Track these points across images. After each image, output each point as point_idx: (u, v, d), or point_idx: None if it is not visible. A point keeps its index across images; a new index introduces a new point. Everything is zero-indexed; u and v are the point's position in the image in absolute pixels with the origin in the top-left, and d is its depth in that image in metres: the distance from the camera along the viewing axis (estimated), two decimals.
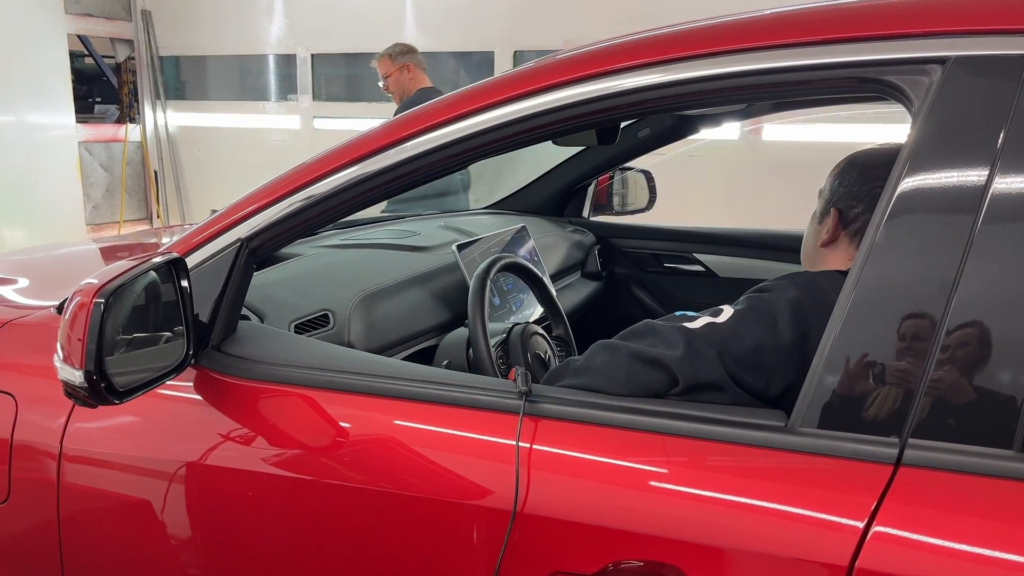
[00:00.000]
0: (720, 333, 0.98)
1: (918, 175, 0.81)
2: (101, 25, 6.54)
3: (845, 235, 1.13)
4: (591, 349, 1.05)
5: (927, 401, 0.77)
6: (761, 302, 1.02)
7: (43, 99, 6.00)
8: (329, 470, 1.05)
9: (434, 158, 1.06)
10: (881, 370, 0.80)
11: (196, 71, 6.81)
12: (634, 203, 2.68)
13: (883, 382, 0.80)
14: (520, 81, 1.03)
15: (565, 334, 1.75)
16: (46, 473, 1.22)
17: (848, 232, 1.13)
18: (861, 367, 0.81)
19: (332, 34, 6.03)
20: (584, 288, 2.35)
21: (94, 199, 6.59)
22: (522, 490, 0.91)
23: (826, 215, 1.16)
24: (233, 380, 1.12)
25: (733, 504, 0.83)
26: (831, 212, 1.15)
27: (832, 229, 1.14)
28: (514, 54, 5.40)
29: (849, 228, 1.13)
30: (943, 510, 0.76)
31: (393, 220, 2.31)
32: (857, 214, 1.12)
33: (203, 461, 1.12)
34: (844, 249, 1.13)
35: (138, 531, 1.19)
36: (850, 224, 1.13)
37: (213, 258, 1.15)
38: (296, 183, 1.12)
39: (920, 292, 0.79)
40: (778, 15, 0.97)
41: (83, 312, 0.97)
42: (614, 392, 0.97)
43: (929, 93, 0.82)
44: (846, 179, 1.15)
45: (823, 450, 0.81)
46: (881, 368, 0.80)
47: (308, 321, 1.42)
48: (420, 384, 1.03)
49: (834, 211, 1.14)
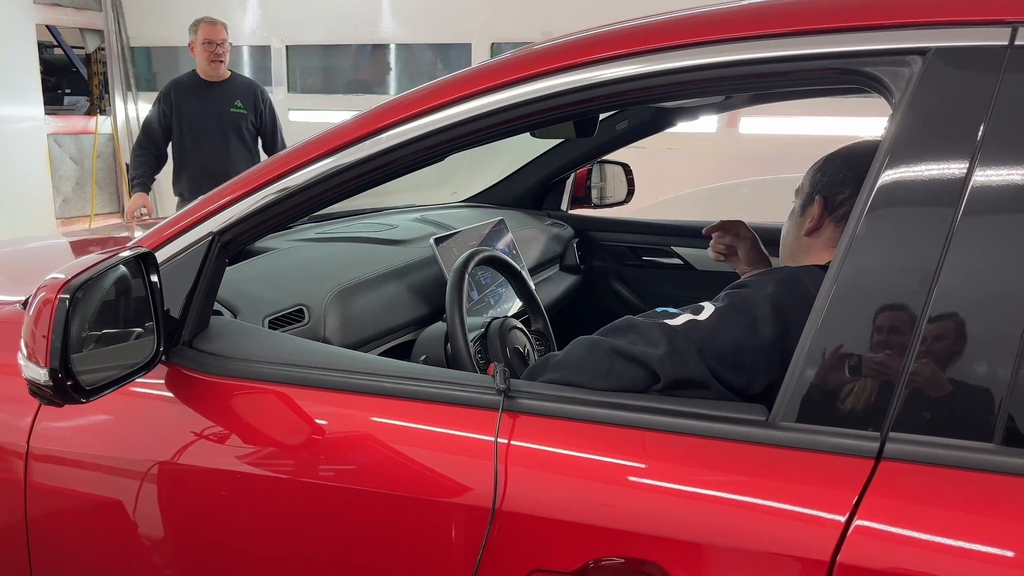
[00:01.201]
0: (701, 331, 0.97)
1: (898, 167, 0.80)
2: (70, 15, 6.43)
3: (830, 222, 1.14)
4: (571, 344, 1.04)
5: (907, 394, 0.77)
6: (741, 299, 1.01)
7: (11, 91, 5.88)
8: (305, 468, 1.03)
9: (410, 150, 1.04)
10: (861, 363, 0.80)
11: (168, 62, 6.69)
12: (612, 196, 2.68)
13: (863, 375, 0.79)
14: (497, 72, 1.02)
15: (544, 328, 1.74)
16: (12, 473, 1.19)
17: (833, 219, 1.13)
18: (842, 361, 0.80)
19: (307, 25, 5.97)
20: (563, 281, 2.34)
21: (64, 192, 6.49)
22: (500, 487, 0.89)
23: (809, 205, 1.17)
24: (205, 377, 1.10)
25: (714, 499, 0.83)
26: (815, 200, 1.15)
27: (817, 216, 1.14)
28: (491, 46, 5.37)
29: (835, 214, 1.13)
30: (925, 504, 0.76)
31: (370, 213, 2.29)
32: (843, 199, 1.12)
33: (175, 460, 1.10)
34: (829, 236, 1.14)
35: (109, 532, 1.16)
36: (836, 210, 1.13)
37: (184, 252, 1.13)
38: (270, 175, 1.10)
39: (900, 285, 0.79)
40: (756, 5, 0.96)
41: (48, 308, 0.94)
42: (595, 387, 0.96)
43: (909, 85, 0.81)
44: (829, 169, 1.17)
45: (804, 444, 0.81)
46: (861, 361, 0.80)
47: (283, 316, 1.39)
48: (398, 380, 1.02)
49: (819, 198, 1.15)
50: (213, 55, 3.65)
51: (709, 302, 1.03)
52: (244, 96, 3.74)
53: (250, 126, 3.74)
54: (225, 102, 3.70)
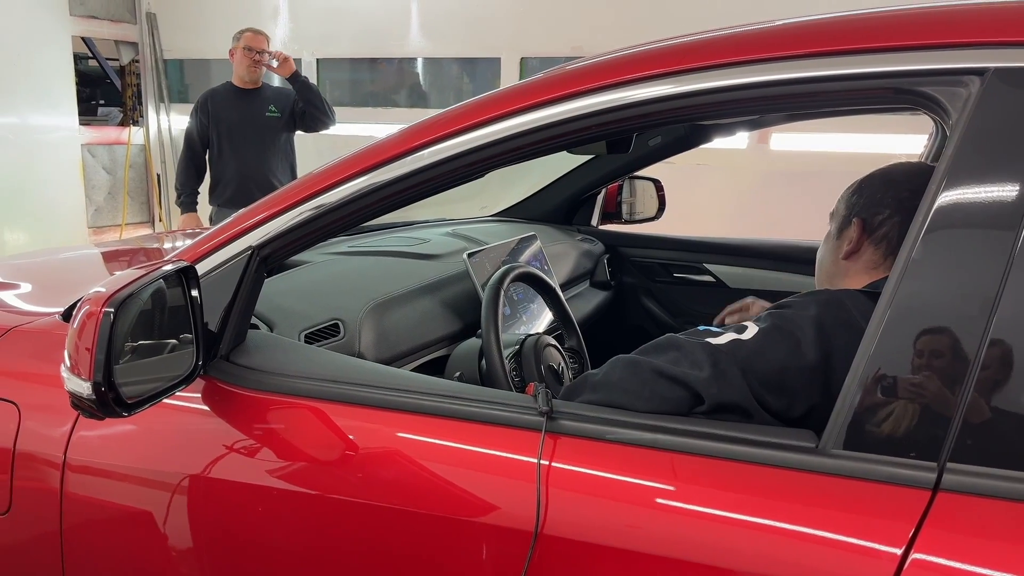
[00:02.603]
0: (745, 351, 0.95)
1: (956, 189, 0.78)
2: (105, 27, 6.54)
3: (869, 243, 1.13)
4: (610, 363, 1.02)
5: (966, 424, 0.75)
6: (785, 320, 0.99)
7: (46, 101, 5.98)
8: (338, 485, 1.02)
9: (450, 167, 1.04)
10: (917, 390, 0.77)
11: (200, 74, 6.79)
12: (643, 212, 2.66)
13: (920, 403, 0.77)
14: (535, 91, 1.01)
15: (578, 345, 1.73)
16: (49, 483, 1.19)
17: (872, 240, 1.12)
18: (896, 387, 0.78)
19: (337, 39, 6.02)
20: (593, 297, 2.33)
21: (96, 202, 6.58)
22: (543, 510, 0.88)
23: (846, 228, 1.16)
24: (242, 391, 1.10)
25: (763, 528, 0.81)
26: (853, 222, 1.14)
27: (855, 239, 1.14)
28: (520, 60, 5.39)
29: (873, 236, 1.12)
30: (985, 538, 0.73)
31: (401, 227, 2.29)
32: (882, 220, 1.11)
33: (210, 473, 1.09)
34: (868, 258, 1.13)
35: (143, 543, 1.16)
36: (874, 231, 1.12)
37: (223, 266, 1.13)
38: (308, 191, 1.10)
39: (959, 310, 0.77)
40: (807, 23, 0.95)
41: (92, 321, 0.94)
42: (635, 408, 0.94)
43: (967, 105, 0.79)
44: (866, 191, 1.16)
45: (857, 473, 0.78)
46: (917, 388, 0.77)
47: (318, 330, 1.39)
48: (436, 398, 1.01)
49: (857, 221, 1.14)
50: (251, 60, 3.79)
51: (751, 322, 1.01)
52: (277, 101, 3.87)
53: (285, 129, 3.87)
54: (260, 107, 3.83)
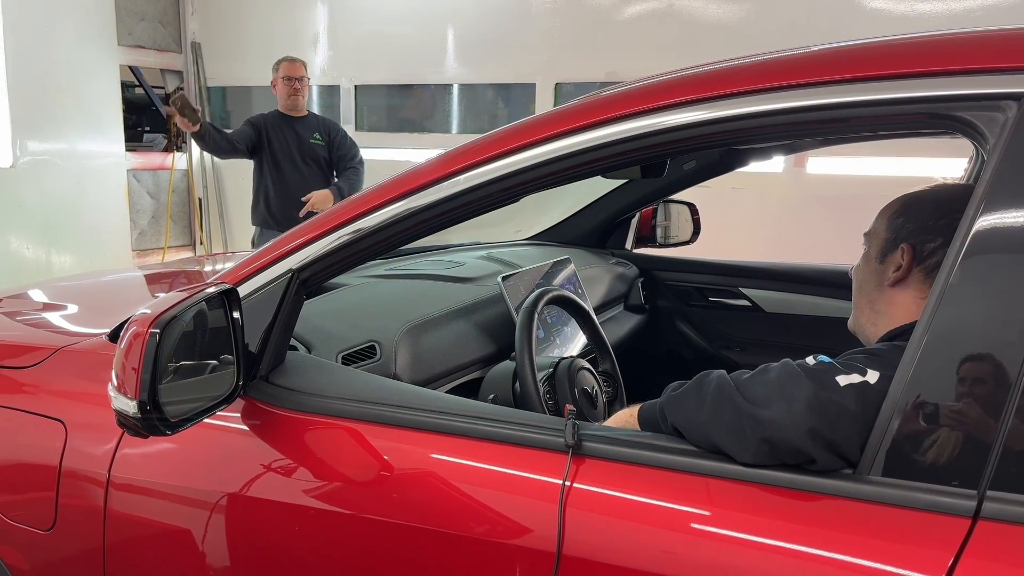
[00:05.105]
0: (872, 395, 0.86)
1: (994, 214, 0.78)
2: (152, 56, 6.73)
3: (919, 272, 1.05)
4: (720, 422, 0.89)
5: (1007, 451, 0.74)
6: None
7: (95, 128, 6.16)
8: (373, 505, 1.03)
9: (487, 191, 1.06)
10: (956, 417, 0.76)
11: (242, 101, 6.95)
12: (678, 236, 2.66)
13: (959, 430, 0.76)
14: (571, 117, 1.02)
15: (612, 369, 1.73)
16: (93, 500, 1.22)
17: (923, 268, 1.05)
18: (935, 413, 0.77)
19: (375, 66, 6.13)
20: (627, 321, 2.32)
21: (140, 225, 6.73)
22: (567, 532, 0.88)
23: (890, 253, 1.09)
24: (281, 411, 1.12)
25: (797, 554, 0.80)
26: (900, 248, 1.07)
27: (905, 266, 1.06)
28: (555, 86, 5.43)
29: (924, 264, 1.05)
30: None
31: (435, 250, 2.31)
32: (934, 248, 1.04)
33: (249, 492, 1.11)
34: (917, 287, 1.05)
35: (182, 561, 1.18)
36: (925, 260, 1.05)
37: (264, 288, 1.15)
38: (348, 215, 1.12)
39: (997, 336, 0.76)
40: (841, 49, 0.95)
41: (138, 342, 0.97)
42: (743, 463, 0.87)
43: (1005, 130, 0.79)
44: (915, 215, 1.08)
45: (895, 500, 0.77)
46: (956, 415, 0.76)
47: (355, 352, 1.41)
48: (471, 420, 1.02)
49: (906, 247, 1.06)
50: (291, 89, 3.99)
51: (866, 366, 0.90)
52: (321, 129, 4.09)
53: (327, 155, 4.09)
54: (305, 134, 4.04)
